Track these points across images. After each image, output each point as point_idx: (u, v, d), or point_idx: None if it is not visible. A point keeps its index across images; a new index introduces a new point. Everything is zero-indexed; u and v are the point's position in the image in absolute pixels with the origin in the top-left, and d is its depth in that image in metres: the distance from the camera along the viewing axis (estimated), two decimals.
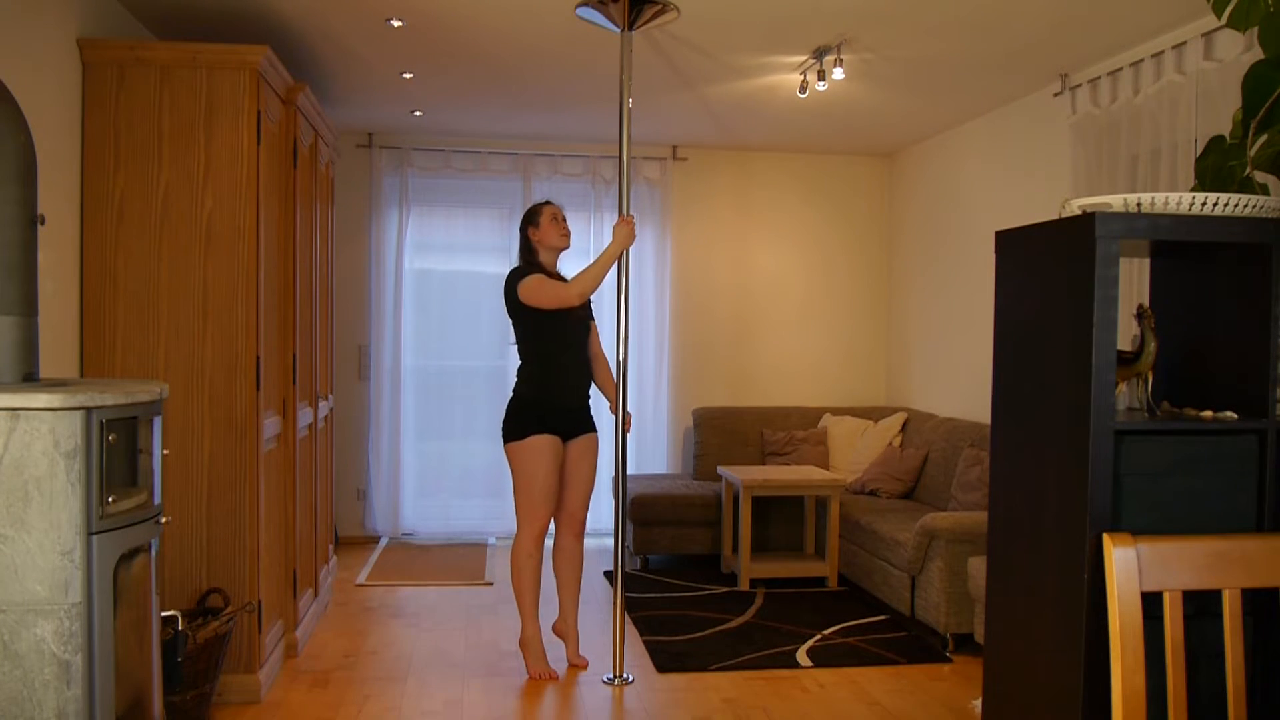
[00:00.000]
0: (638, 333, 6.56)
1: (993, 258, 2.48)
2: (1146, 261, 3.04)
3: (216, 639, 3.36)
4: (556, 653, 4.18)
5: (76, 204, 3.45)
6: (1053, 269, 2.17)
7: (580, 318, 4.15)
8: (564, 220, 4.18)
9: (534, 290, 3.98)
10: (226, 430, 3.55)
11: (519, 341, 4.12)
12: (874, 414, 6.48)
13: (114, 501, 2.31)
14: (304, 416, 4.35)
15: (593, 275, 3.97)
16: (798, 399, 6.87)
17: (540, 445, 3.97)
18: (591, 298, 4.16)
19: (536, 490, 3.97)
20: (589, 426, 4.17)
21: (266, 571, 3.77)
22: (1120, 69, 4.28)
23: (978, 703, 3.66)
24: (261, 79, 3.58)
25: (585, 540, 4.24)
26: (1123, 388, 2.29)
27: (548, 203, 4.20)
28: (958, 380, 5.88)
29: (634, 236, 4.01)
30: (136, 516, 2.42)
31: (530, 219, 4.17)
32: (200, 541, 3.56)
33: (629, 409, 4.10)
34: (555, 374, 4.06)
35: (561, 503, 4.11)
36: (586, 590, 5.32)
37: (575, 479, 4.12)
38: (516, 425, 4.00)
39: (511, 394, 4.11)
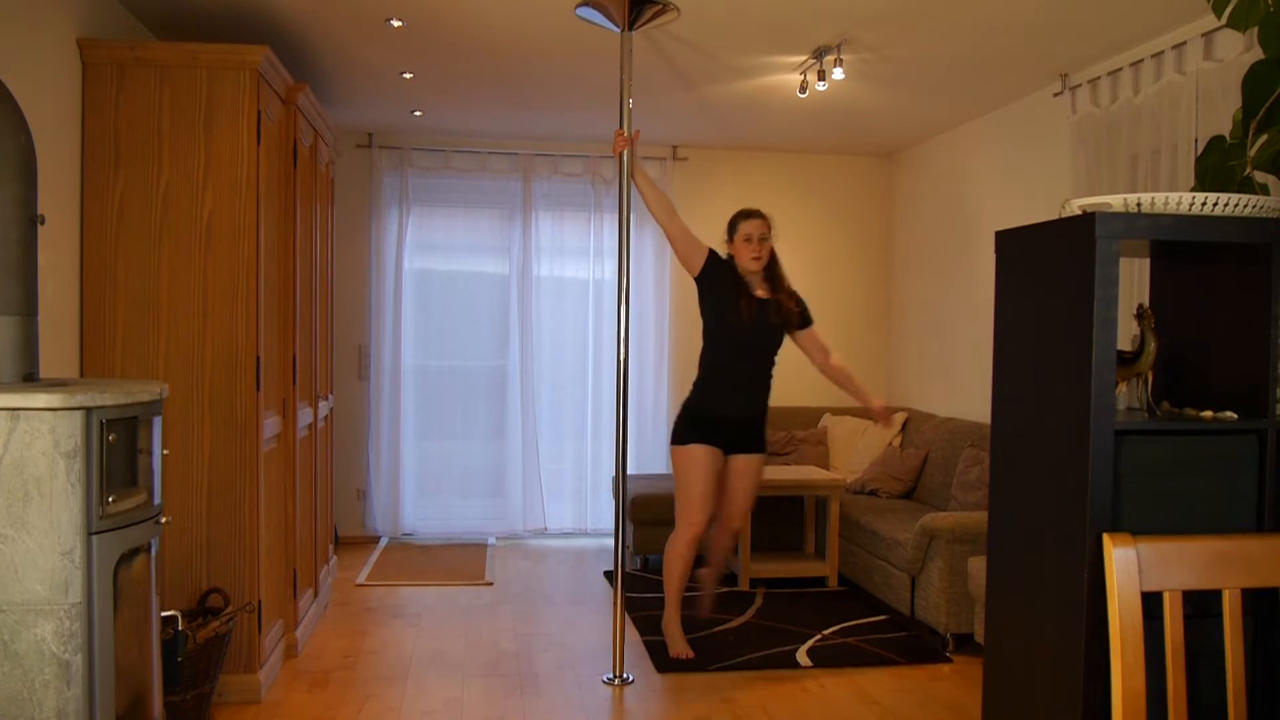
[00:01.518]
0: (638, 333, 6.56)
1: (992, 257, 2.48)
2: (1146, 261, 3.04)
3: (216, 639, 3.36)
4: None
5: (76, 204, 3.45)
6: (1053, 269, 2.17)
7: (766, 329, 4.04)
8: (758, 242, 4.00)
9: (682, 253, 4.03)
10: (226, 430, 3.55)
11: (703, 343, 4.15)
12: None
13: (114, 501, 2.31)
14: (304, 416, 4.35)
15: (647, 196, 3.97)
16: (798, 399, 6.86)
17: (697, 455, 4.00)
18: (757, 306, 4.04)
19: (693, 496, 4.02)
20: (755, 446, 4.13)
21: (266, 571, 3.77)
22: (1120, 69, 4.28)
23: None
24: (261, 79, 3.58)
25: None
26: (1123, 388, 2.29)
27: (749, 216, 4.03)
28: (958, 380, 5.88)
29: (623, 145, 3.87)
30: (136, 516, 2.42)
31: (730, 229, 4.10)
32: (200, 541, 3.56)
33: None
34: (719, 386, 4.06)
35: (718, 510, 4.16)
36: (586, 590, 5.33)
37: (734, 494, 4.14)
38: (679, 430, 4.09)
39: (686, 399, 4.17)
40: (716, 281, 4.04)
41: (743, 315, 3.97)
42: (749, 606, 5.01)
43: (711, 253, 4.08)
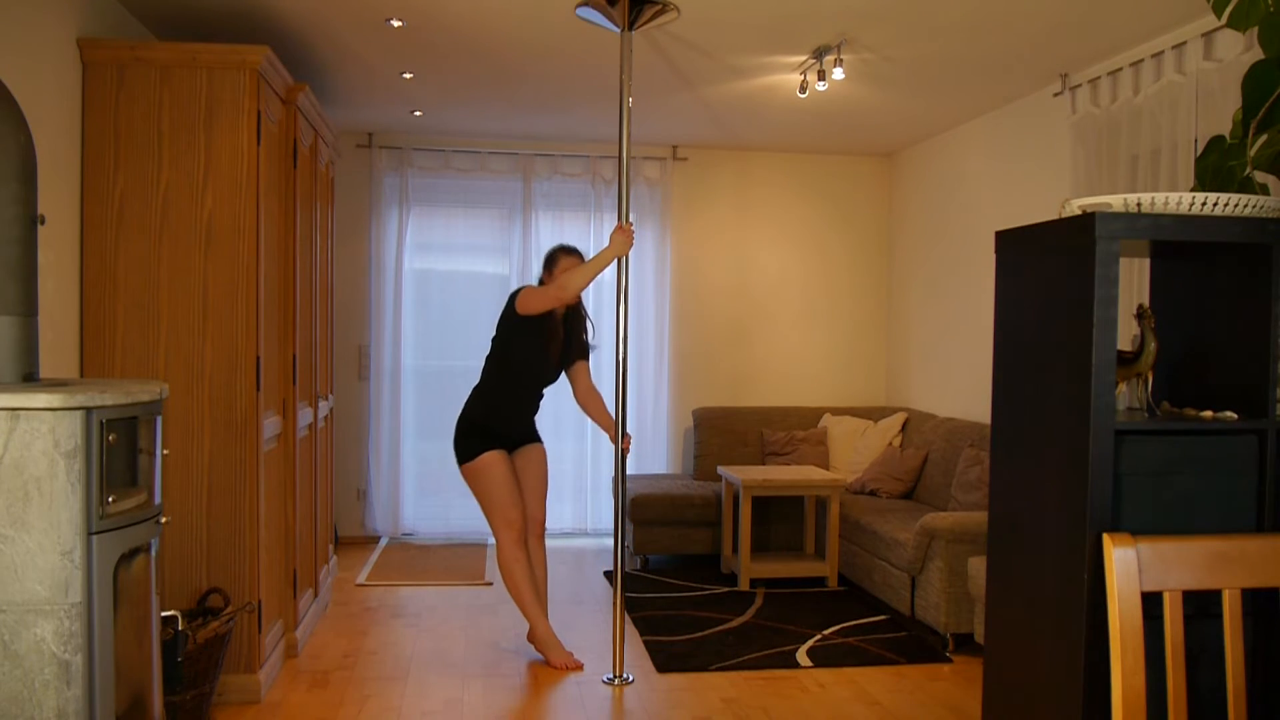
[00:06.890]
0: (638, 333, 6.56)
1: (993, 258, 2.48)
2: (1146, 261, 3.04)
3: (216, 639, 3.36)
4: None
5: (76, 204, 3.45)
6: (1053, 269, 2.17)
7: (556, 365, 4.22)
8: None
9: (527, 298, 4.08)
10: (226, 430, 3.55)
11: (489, 360, 4.24)
12: (874, 414, 6.48)
13: (114, 501, 2.31)
14: (304, 416, 4.35)
15: (582, 275, 4.01)
16: (798, 399, 6.86)
17: (491, 459, 4.12)
18: (590, 332, 4.28)
19: (500, 497, 4.12)
20: (533, 438, 4.32)
21: (266, 571, 3.77)
22: (1120, 69, 4.28)
23: None
24: (261, 79, 3.58)
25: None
26: (1123, 388, 2.29)
27: (570, 252, 4.23)
28: (958, 380, 5.88)
29: (631, 244, 3.99)
30: (136, 516, 2.42)
31: (548, 264, 4.25)
32: (200, 541, 3.56)
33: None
34: (509, 405, 4.21)
35: (524, 504, 4.22)
36: (586, 590, 5.33)
37: (528, 484, 4.24)
38: (466, 448, 4.14)
39: (460, 413, 4.22)
40: (535, 324, 4.14)
41: (550, 356, 4.19)
42: (749, 606, 5.01)
43: None
